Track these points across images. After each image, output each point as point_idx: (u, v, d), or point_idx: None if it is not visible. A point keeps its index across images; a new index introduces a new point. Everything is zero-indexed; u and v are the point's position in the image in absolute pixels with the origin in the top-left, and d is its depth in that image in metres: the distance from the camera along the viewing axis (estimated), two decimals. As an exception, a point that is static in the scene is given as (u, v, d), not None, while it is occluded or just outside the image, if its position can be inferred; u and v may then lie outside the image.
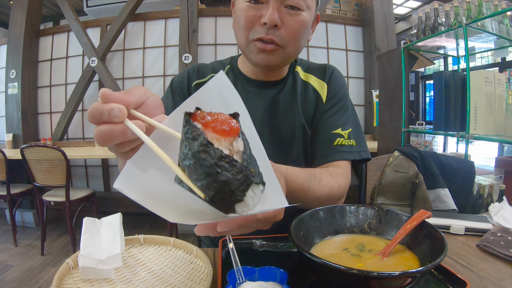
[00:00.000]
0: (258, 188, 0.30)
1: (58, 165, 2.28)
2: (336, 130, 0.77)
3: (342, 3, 3.44)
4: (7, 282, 2.01)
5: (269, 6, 0.64)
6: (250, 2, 0.65)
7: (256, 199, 0.30)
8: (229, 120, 0.31)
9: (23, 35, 3.17)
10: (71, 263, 0.52)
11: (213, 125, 0.31)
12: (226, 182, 0.29)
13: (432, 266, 0.41)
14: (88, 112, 0.34)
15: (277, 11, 0.64)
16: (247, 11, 0.66)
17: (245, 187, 0.30)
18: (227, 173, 0.29)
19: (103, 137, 0.33)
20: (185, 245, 0.61)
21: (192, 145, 0.30)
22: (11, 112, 3.24)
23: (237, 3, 0.70)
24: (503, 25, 1.70)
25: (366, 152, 0.79)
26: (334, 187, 0.68)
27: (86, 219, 0.57)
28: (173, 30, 3.22)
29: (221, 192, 0.29)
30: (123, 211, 0.69)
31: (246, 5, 0.66)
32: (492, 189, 1.40)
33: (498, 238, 0.66)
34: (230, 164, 0.29)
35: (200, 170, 0.29)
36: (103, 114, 0.32)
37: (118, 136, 0.33)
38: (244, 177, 0.30)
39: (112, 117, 0.32)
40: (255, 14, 0.65)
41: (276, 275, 0.48)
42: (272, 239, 0.65)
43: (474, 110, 1.57)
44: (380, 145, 2.32)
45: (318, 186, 0.65)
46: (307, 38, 0.73)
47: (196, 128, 0.31)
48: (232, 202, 0.29)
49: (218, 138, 0.31)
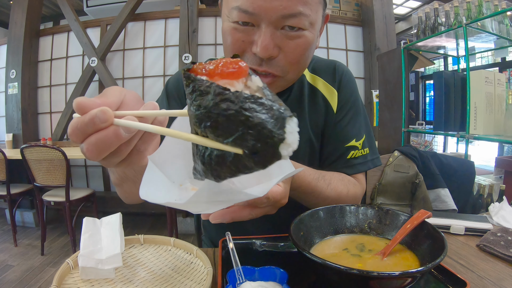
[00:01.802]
0: (292, 120, 0.26)
1: (58, 165, 2.28)
2: (350, 142, 0.71)
3: (342, 3, 3.44)
4: (7, 282, 2.01)
5: (261, 31, 0.50)
6: (237, 23, 0.51)
7: (295, 135, 0.26)
8: (234, 62, 0.27)
9: (23, 35, 3.17)
10: (71, 263, 0.52)
11: (219, 71, 0.27)
12: (262, 124, 0.24)
13: (432, 266, 0.41)
14: (69, 132, 0.29)
15: (272, 37, 0.50)
16: (234, 34, 0.52)
17: (282, 122, 0.25)
18: (259, 114, 0.25)
19: (97, 148, 0.29)
20: (185, 245, 0.61)
21: (205, 101, 0.26)
22: (11, 112, 3.24)
23: (223, 17, 0.55)
24: (503, 25, 1.70)
25: (378, 158, 0.76)
26: (343, 192, 0.66)
27: (86, 219, 0.57)
28: (173, 30, 3.22)
29: (260, 137, 0.25)
30: (123, 211, 0.69)
31: (232, 27, 0.52)
32: (492, 189, 1.40)
33: (498, 238, 0.66)
34: (257, 103, 0.25)
35: (226, 124, 0.25)
36: (87, 125, 0.28)
37: (113, 140, 0.29)
38: (277, 112, 0.25)
39: (98, 123, 0.28)
40: (244, 40, 0.52)
41: (276, 275, 0.48)
42: (272, 239, 0.65)
43: (474, 110, 1.57)
44: (380, 145, 2.32)
45: (326, 188, 0.63)
46: (311, 56, 0.61)
47: (202, 80, 0.27)
48: (275, 144, 0.25)
49: (230, 83, 0.27)
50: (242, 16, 0.49)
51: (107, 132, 0.28)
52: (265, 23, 0.49)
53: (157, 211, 3.17)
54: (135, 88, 3.29)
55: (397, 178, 1.51)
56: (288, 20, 0.49)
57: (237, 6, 0.49)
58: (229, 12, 0.51)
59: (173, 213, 2.30)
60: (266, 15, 0.48)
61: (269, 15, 0.48)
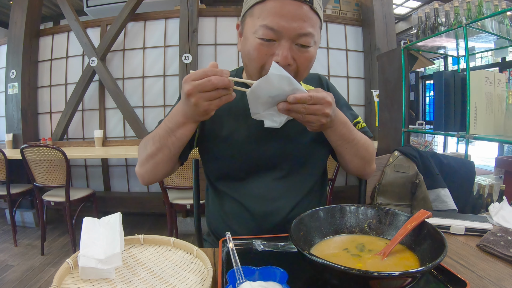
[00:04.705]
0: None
1: (58, 165, 2.28)
2: (355, 120, 0.88)
3: (342, 3, 3.44)
4: (7, 282, 2.01)
5: (281, 45, 0.64)
6: (262, 40, 0.65)
7: None
8: None
9: (23, 35, 3.17)
10: (71, 263, 0.52)
11: None
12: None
13: (432, 266, 0.41)
14: (203, 71, 0.58)
15: (289, 50, 0.64)
16: (260, 49, 0.65)
17: None
18: None
19: (219, 81, 0.57)
20: (185, 245, 0.61)
21: None
22: (11, 112, 3.24)
23: (246, 34, 0.69)
24: (503, 25, 1.69)
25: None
26: (370, 142, 0.83)
27: (86, 219, 0.57)
28: (173, 30, 3.22)
29: None
30: (123, 211, 0.69)
31: (258, 42, 0.65)
32: (492, 189, 1.39)
33: (498, 238, 0.66)
34: None
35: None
36: (216, 71, 0.58)
37: (227, 82, 0.58)
38: None
39: (223, 73, 0.58)
40: (267, 53, 0.66)
41: (276, 275, 0.48)
42: (272, 239, 0.65)
43: (474, 110, 1.57)
44: (380, 145, 2.32)
45: (357, 132, 0.79)
46: (312, 66, 0.74)
47: None
48: None
49: None
50: (268, 33, 0.64)
51: (226, 80, 0.58)
52: (285, 39, 0.64)
53: (157, 211, 3.17)
54: (135, 88, 3.29)
55: (397, 178, 1.51)
56: (301, 38, 0.64)
57: (265, 24, 0.63)
58: (256, 30, 0.65)
59: (173, 213, 2.30)
60: (286, 32, 0.63)
61: (289, 33, 0.63)
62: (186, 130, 0.68)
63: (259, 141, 0.78)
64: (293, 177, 0.81)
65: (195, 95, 0.59)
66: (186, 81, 0.60)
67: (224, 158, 0.80)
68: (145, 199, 3.24)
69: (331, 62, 3.33)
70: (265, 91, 0.60)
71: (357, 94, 3.40)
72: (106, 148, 3.06)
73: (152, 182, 0.80)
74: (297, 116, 0.62)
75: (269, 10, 0.63)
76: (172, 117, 0.69)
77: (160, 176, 0.79)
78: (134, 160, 3.32)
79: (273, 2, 0.63)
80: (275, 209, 0.78)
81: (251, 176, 0.80)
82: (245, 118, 0.78)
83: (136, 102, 3.29)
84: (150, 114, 3.30)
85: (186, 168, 2.10)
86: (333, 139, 0.75)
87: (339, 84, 3.29)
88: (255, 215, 0.78)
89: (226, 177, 0.82)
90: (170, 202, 2.21)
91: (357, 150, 0.78)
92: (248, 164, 0.79)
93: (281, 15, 0.62)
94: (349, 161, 0.81)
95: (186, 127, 0.68)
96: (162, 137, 0.70)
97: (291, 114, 0.63)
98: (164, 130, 0.70)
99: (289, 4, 0.62)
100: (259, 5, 0.65)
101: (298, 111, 0.61)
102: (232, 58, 3.21)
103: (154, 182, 0.81)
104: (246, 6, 0.69)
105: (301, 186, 0.81)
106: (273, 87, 0.59)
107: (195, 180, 1.08)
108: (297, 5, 0.62)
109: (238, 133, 0.78)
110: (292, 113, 0.62)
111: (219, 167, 0.82)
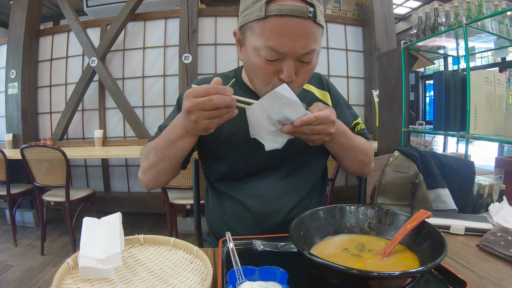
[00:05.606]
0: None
1: (58, 165, 2.28)
2: (354, 122, 0.89)
3: (342, 3, 3.44)
4: (7, 282, 2.01)
5: (285, 63, 0.64)
6: (267, 60, 0.64)
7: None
8: None
9: (23, 35, 3.17)
10: (71, 263, 0.52)
11: None
12: None
13: (432, 266, 0.41)
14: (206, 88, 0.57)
15: (293, 67, 0.64)
16: (266, 67, 0.65)
17: None
18: None
19: (221, 101, 0.56)
20: (185, 245, 0.61)
21: None
22: (11, 112, 3.24)
23: (248, 48, 0.67)
24: (503, 25, 1.69)
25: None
26: (368, 145, 0.86)
27: (85, 219, 0.57)
28: (173, 30, 3.22)
29: None
30: (123, 211, 0.69)
31: (263, 61, 0.64)
32: (492, 189, 1.39)
33: (498, 238, 0.66)
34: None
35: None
36: (219, 89, 0.57)
37: (229, 102, 0.57)
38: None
39: (225, 91, 0.57)
40: (273, 70, 0.66)
41: (276, 275, 0.48)
42: (272, 239, 0.65)
43: (474, 110, 1.57)
44: (380, 145, 2.32)
45: (357, 138, 0.81)
46: None
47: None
48: None
49: None
50: (273, 54, 0.63)
51: (228, 97, 0.57)
52: (289, 57, 0.63)
53: (157, 211, 3.17)
54: (135, 88, 3.29)
55: (397, 178, 1.51)
56: (305, 56, 0.64)
57: (269, 46, 0.62)
58: (259, 49, 0.64)
59: (173, 213, 2.30)
60: (291, 52, 0.62)
61: (293, 52, 0.62)
62: (186, 142, 0.69)
63: (260, 142, 0.78)
64: (293, 177, 0.81)
65: (195, 113, 0.59)
66: (187, 96, 0.59)
67: (224, 159, 0.80)
68: (145, 199, 3.24)
69: (331, 62, 3.33)
70: (269, 112, 0.60)
71: (357, 94, 3.40)
72: (106, 148, 3.06)
73: (155, 188, 0.82)
74: (301, 136, 0.63)
75: (272, 29, 0.61)
76: (173, 129, 0.69)
77: (164, 183, 0.81)
78: (134, 160, 3.32)
79: (275, 20, 0.60)
80: (275, 209, 0.78)
81: (251, 177, 0.80)
82: (245, 119, 0.78)
83: (136, 102, 3.29)
84: (150, 114, 3.30)
85: (186, 168, 2.10)
86: (332, 148, 0.77)
87: (339, 84, 3.29)
88: (255, 215, 0.78)
89: (227, 178, 0.82)
90: (170, 202, 2.21)
91: (356, 155, 0.80)
92: (248, 165, 0.79)
93: (285, 36, 0.60)
94: (349, 165, 0.84)
95: (186, 139, 0.69)
96: (163, 148, 0.71)
97: (295, 135, 0.63)
98: (165, 141, 0.71)
99: (292, 23, 0.60)
100: (260, 22, 0.62)
101: (303, 133, 0.62)
102: (232, 58, 3.21)
103: (158, 187, 0.83)
104: (244, 19, 0.66)
105: (301, 186, 0.82)
106: (277, 108, 0.59)
107: (195, 180, 1.08)
108: (300, 22, 0.60)
109: (238, 134, 0.78)
110: (296, 134, 0.63)
111: (219, 168, 0.82)
